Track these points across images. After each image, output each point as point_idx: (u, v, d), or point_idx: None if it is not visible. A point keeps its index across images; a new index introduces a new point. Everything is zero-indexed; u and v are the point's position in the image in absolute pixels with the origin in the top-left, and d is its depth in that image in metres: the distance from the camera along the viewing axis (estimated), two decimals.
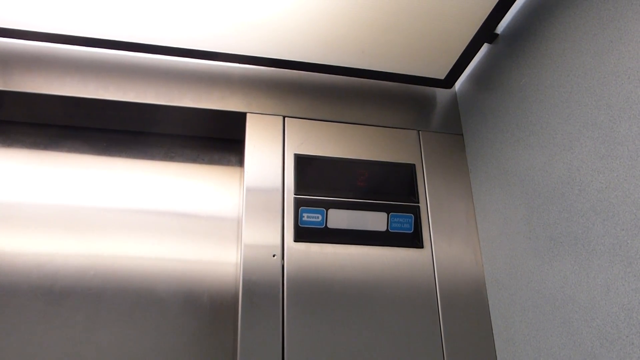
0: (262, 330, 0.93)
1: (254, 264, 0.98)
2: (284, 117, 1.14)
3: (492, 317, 1.04)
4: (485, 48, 1.15)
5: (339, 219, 1.06)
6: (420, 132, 1.20)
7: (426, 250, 1.08)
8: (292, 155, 1.10)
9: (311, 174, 1.09)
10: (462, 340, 1.01)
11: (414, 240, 1.08)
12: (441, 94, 1.27)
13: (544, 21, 0.95)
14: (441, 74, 1.17)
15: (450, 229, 1.11)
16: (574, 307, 0.82)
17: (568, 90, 0.88)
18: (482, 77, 1.15)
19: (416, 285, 1.04)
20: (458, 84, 1.26)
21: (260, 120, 1.13)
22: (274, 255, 1.00)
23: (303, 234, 1.03)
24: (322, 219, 1.05)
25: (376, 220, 1.08)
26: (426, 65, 1.14)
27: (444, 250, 1.09)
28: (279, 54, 1.09)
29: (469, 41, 1.05)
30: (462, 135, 1.22)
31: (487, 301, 1.06)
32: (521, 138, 0.99)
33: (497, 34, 1.11)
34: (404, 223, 1.09)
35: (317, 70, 1.14)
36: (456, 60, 1.11)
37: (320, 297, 0.99)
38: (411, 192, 1.12)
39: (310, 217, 1.05)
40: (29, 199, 1.09)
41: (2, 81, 1.05)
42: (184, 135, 1.23)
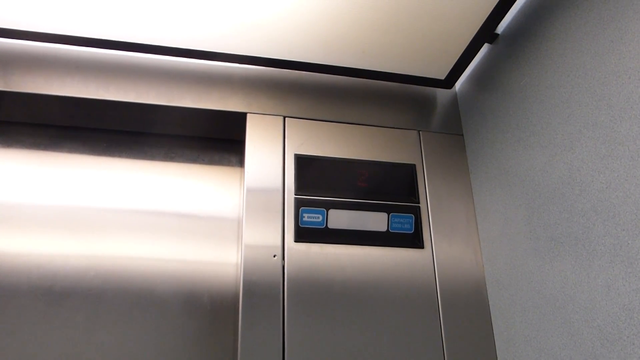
0: (263, 331, 0.93)
1: (254, 265, 0.98)
2: (284, 117, 1.14)
3: (492, 318, 1.04)
4: (485, 48, 1.15)
5: (339, 219, 1.06)
6: (420, 132, 1.20)
7: (426, 250, 1.08)
8: (293, 156, 1.10)
9: (312, 174, 1.09)
10: (463, 340, 1.01)
11: (414, 240, 1.08)
12: (441, 94, 1.27)
13: (545, 21, 0.95)
14: (441, 74, 1.17)
15: (451, 229, 1.11)
16: (574, 308, 0.82)
17: (568, 91, 0.88)
18: (483, 78, 1.15)
19: (417, 285, 1.04)
20: (458, 84, 1.26)
21: (261, 121, 1.13)
22: (274, 256, 1.00)
23: (303, 234, 1.03)
24: (323, 219, 1.05)
25: (377, 221, 1.08)
26: (426, 65, 1.14)
27: (445, 250, 1.08)
28: (280, 54, 1.09)
29: (470, 41, 1.05)
30: (462, 135, 1.22)
31: (488, 301, 1.06)
32: (522, 138, 0.99)
33: (498, 34, 1.11)
34: (404, 223, 1.09)
35: (318, 70, 1.14)
36: (456, 61, 1.11)
37: (320, 297, 0.99)
38: (411, 193, 1.12)
39: (311, 217, 1.05)
40: (29, 199, 1.08)
41: (2, 81, 1.05)
42: (184, 136, 1.23)
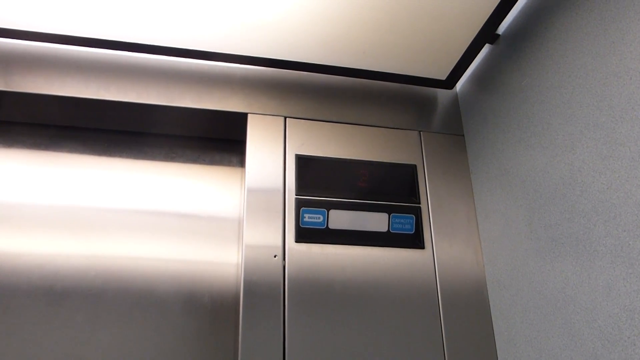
0: (263, 331, 0.93)
1: (255, 265, 0.98)
2: (285, 117, 1.14)
3: (493, 318, 1.04)
4: (486, 49, 1.14)
5: (340, 219, 1.06)
6: (421, 132, 1.20)
7: (427, 251, 1.08)
8: (293, 156, 1.10)
9: (312, 174, 1.09)
10: (463, 340, 1.01)
11: (415, 240, 1.08)
12: (442, 95, 1.27)
13: (546, 22, 0.95)
14: (442, 74, 1.17)
15: (452, 229, 1.11)
16: (575, 308, 0.82)
17: (569, 91, 0.88)
18: (484, 78, 1.15)
19: (417, 285, 1.04)
20: (459, 85, 1.26)
21: (262, 121, 1.12)
22: (275, 256, 1.00)
23: (304, 234, 1.03)
24: (323, 220, 1.05)
25: (377, 221, 1.08)
26: (427, 65, 1.13)
27: (445, 251, 1.08)
28: (280, 54, 1.09)
29: (470, 42, 1.05)
30: (463, 135, 1.22)
31: (488, 302, 1.06)
32: (522, 139, 0.99)
33: (499, 35, 1.11)
34: (405, 224, 1.09)
35: (319, 70, 1.14)
36: (457, 61, 1.11)
37: (321, 297, 0.99)
38: (412, 193, 1.12)
39: (312, 217, 1.05)
40: (30, 199, 1.08)
41: (2, 81, 1.05)
42: (184, 136, 1.23)
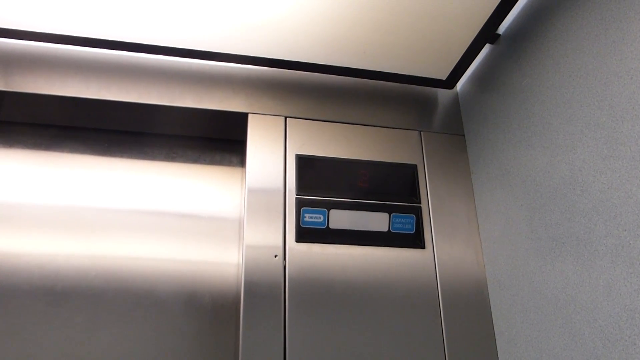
0: (264, 331, 0.93)
1: (255, 265, 0.98)
2: (285, 117, 1.14)
3: (493, 318, 1.04)
4: (487, 49, 1.14)
5: (340, 219, 1.06)
6: (421, 132, 1.20)
7: (428, 250, 1.08)
8: (294, 156, 1.10)
9: (313, 174, 1.09)
10: (464, 340, 1.01)
11: (415, 240, 1.08)
12: (443, 95, 1.27)
13: (546, 22, 0.95)
14: (443, 74, 1.17)
15: (452, 229, 1.11)
16: (575, 308, 0.82)
17: (570, 91, 0.88)
18: (484, 78, 1.15)
19: (418, 285, 1.04)
20: (460, 85, 1.26)
21: (262, 121, 1.12)
22: (275, 256, 1.00)
23: (305, 234, 1.03)
24: (324, 220, 1.05)
25: (378, 221, 1.08)
26: (428, 65, 1.13)
27: (446, 250, 1.08)
28: (281, 54, 1.09)
29: (471, 42, 1.05)
30: (463, 135, 1.22)
31: (489, 302, 1.06)
32: (523, 139, 0.99)
33: (499, 35, 1.11)
34: (405, 223, 1.09)
35: (319, 70, 1.14)
36: (458, 61, 1.11)
37: (321, 297, 0.99)
38: (413, 193, 1.12)
39: (312, 217, 1.05)
40: (31, 199, 1.08)
41: (3, 81, 1.05)
42: (185, 136, 1.23)
